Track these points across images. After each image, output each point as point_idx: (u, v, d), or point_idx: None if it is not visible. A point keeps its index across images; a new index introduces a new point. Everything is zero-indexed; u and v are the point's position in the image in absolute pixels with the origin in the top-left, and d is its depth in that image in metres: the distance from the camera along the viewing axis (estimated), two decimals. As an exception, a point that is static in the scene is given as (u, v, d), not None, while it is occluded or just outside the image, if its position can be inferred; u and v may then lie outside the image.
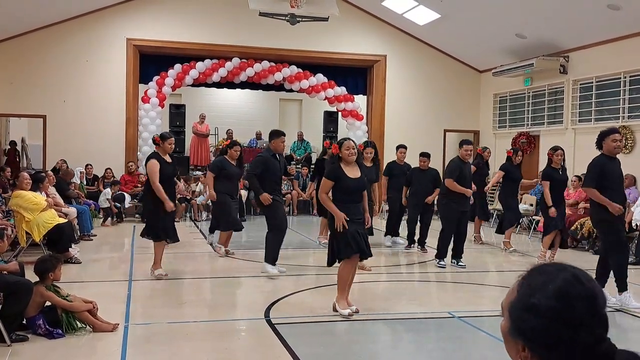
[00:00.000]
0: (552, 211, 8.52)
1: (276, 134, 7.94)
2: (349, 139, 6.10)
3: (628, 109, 11.76)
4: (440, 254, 8.74)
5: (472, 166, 9.65)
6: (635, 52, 11.39)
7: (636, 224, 9.53)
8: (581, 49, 12.82)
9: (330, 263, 5.93)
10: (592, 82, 12.63)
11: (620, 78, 11.86)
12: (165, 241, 7.47)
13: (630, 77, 11.68)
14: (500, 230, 10.52)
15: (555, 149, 8.92)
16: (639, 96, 11.52)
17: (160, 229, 7.36)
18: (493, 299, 7.03)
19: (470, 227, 11.03)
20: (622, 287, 6.42)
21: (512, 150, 10.50)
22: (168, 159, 7.44)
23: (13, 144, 16.49)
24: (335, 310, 5.85)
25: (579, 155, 12.74)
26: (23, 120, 16.60)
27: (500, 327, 1.32)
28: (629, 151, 11.49)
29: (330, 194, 5.91)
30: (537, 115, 14.58)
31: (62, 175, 11.74)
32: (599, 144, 6.69)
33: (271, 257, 7.63)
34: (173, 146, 7.52)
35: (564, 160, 8.88)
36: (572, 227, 10.34)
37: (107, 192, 12.89)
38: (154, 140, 7.57)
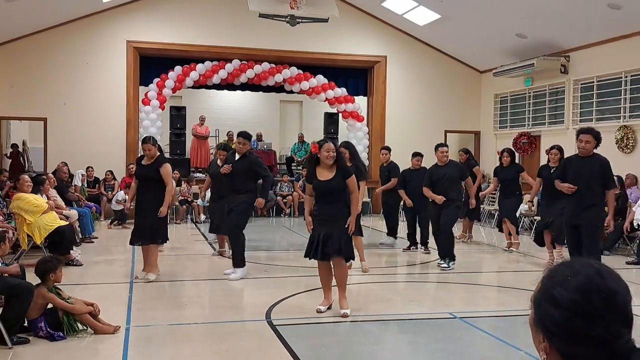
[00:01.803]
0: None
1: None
2: (329, 141, 6.06)
3: (629, 108, 11.75)
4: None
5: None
6: (636, 51, 11.38)
7: (637, 224, 9.51)
8: (582, 49, 12.82)
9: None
10: (593, 82, 12.62)
11: (621, 77, 11.86)
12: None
13: (631, 76, 11.67)
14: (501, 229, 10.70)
15: (551, 147, 8.91)
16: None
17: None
18: (494, 300, 7.03)
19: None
20: None
21: (498, 152, 10.67)
22: (145, 160, 7.41)
23: (15, 146, 16.49)
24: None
25: (580, 155, 12.72)
26: (24, 123, 16.63)
27: (528, 318, 1.37)
28: (630, 151, 11.47)
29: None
30: (538, 116, 14.57)
31: (58, 174, 11.68)
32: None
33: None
34: (146, 151, 7.43)
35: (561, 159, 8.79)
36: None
37: (120, 194, 12.85)
38: None
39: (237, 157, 7.75)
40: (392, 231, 10.70)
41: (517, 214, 11.07)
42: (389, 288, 7.68)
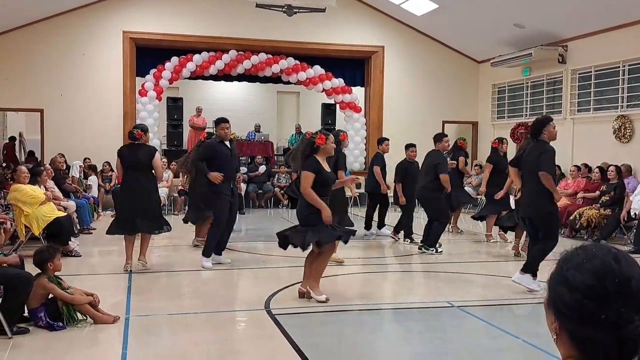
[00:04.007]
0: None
1: (217, 121, 7.88)
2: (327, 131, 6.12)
3: (627, 98, 11.75)
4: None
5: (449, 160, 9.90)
6: (634, 40, 11.37)
7: (634, 213, 9.54)
8: (580, 38, 12.80)
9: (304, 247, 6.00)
10: (590, 72, 12.61)
11: (619, 67, 11.85)
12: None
13: (629, 66, 11.66)
14: (478, 217, 10.46)
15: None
16: (637, 85, 11.51)
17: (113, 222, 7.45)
18: (490, 289, 7.05)
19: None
20: (531, 270, 6.45)
21: (497, 140, 10.27)
22: (135, 149, 7.36)
23: (12, 139, 16.43)
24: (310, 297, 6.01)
25: (577, 145, 12.75)
26: (20, 114, 16.58)
27: (544, 300, 1.38)
28: (627, 140, 11.48)
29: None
30: (535, 106, 14.56)
31: (54, 165, 11.66)
32: (539, 133, 6.52)
33: (206, 251, 7.71)
34: (132, 131, 7.43)
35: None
36: (571, 217, 10.35)
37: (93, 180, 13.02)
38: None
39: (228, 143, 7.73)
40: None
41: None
42: (386, 278, 7.71)
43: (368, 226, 10.62)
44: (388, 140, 10.60)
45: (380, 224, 10.64)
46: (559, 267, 1.34)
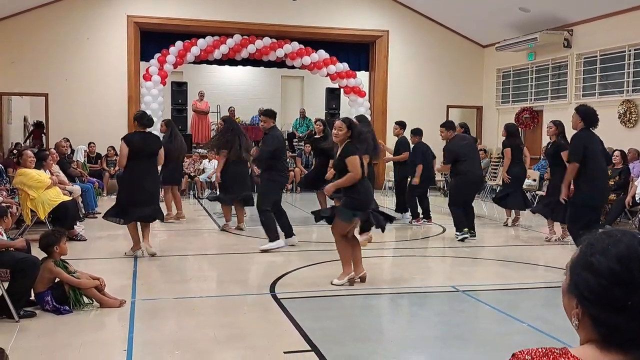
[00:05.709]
0: None
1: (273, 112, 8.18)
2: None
3: (632, 82, 11.68)
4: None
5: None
6: (640, 25, 11.29)
7: (639, 198, 9.51)
8: (585, 23, 12.71)
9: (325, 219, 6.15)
10: (596, 56, 12.53)
11: (624, 51, 11.77)
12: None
13: (634, 50, 11.57)
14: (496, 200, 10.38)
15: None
16: (643, 70, 11.44)
17: (118, 209, 7.26)
18: (496, 273, 7.07)
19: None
20: None
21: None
22: (146, 137, 7.27)
23: (19, 146, 16.09)
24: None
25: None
26: (25, 98, 16.56)
27: (562, 285, 1.37)
28: (633, 125, 11.44)
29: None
30: (540, 90, 14.50)
31: (57, 149, 11.67)
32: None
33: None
34: (149, 118, 7.42)
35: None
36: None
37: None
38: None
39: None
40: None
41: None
42: (392, 262, 7.73)
43: (400, 210, 10.82)
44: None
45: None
46: (581, 252, 1.32)
